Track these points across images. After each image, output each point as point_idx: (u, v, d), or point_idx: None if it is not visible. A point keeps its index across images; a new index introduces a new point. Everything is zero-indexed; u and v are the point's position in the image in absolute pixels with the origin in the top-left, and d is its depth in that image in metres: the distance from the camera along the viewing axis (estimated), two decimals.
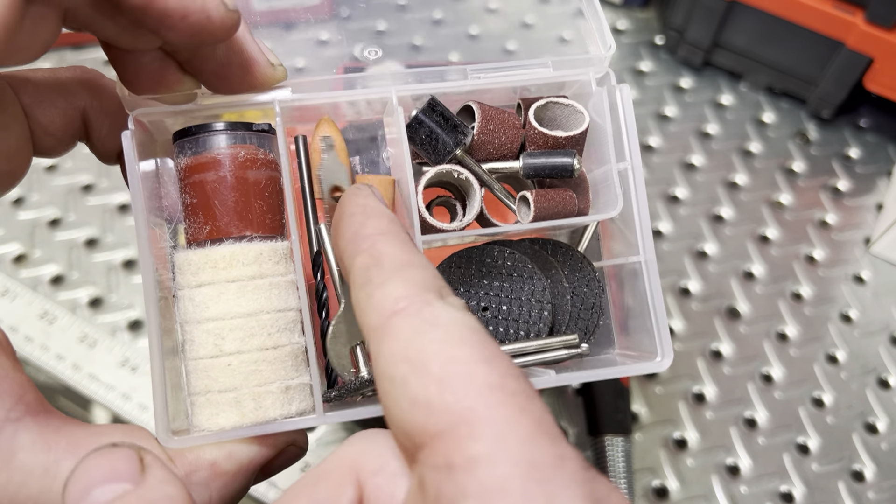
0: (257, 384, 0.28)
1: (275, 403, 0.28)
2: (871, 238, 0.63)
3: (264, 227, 0.29)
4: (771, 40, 0.65)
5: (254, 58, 0.29)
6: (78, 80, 0.31)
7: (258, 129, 0.30)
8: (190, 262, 0.29)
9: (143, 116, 0.29)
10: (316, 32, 0.68)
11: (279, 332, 0.29)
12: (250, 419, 0.28)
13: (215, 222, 0.29)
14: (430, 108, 0.31)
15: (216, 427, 0.28)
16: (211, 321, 0.28)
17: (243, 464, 0.28)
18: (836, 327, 0.59)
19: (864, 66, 0.61)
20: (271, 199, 0.30)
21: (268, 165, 0.30)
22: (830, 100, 0.66)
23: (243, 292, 0.28)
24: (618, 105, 0.32)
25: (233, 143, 0.29)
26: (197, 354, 0.28)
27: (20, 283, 0.57)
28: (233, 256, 0.28)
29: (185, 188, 0.30)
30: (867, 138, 0.68)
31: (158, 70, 0.28)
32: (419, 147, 0.31)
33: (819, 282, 0.61)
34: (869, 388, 0.57)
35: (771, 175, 0.66)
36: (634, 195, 0.32)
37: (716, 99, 0.70)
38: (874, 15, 0.58)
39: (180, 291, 0.29)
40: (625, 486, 0.50)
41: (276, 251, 0.29)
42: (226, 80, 0.29)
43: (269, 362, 0.28)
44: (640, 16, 0.75)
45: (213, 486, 0.27)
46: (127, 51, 0.27)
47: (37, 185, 0.62)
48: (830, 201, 0.65)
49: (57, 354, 0.54)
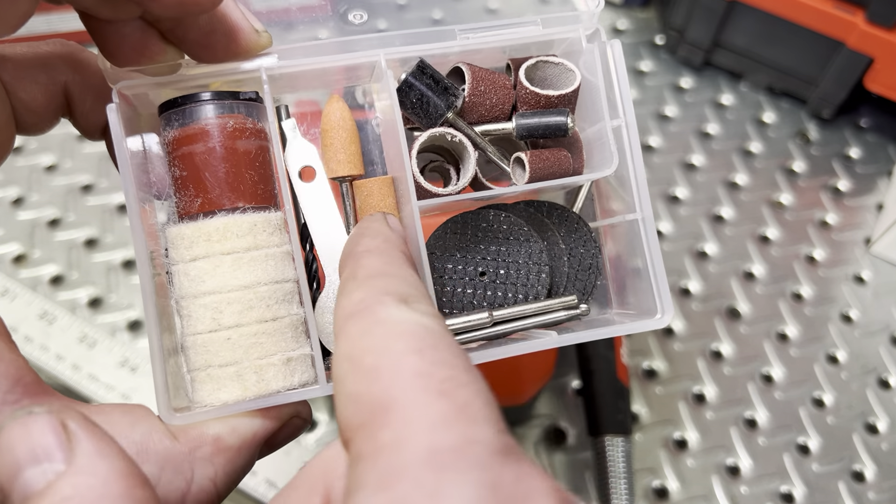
0: (258, 357, 0.28)
1: (276, 376, 0.28)
2: (872, 238, 0.63)
3: (257, 198, 0.29)
4: (771, 40, 0.65)
5: (238, 24, 0.28)
6: (58, 55, 0.30)
7: (245, 98, 0.29)
8: (183, 235, 0.28)
9: (126, 89, 0.29)
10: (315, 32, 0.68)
11: (277, 304, 0.28)
12: (253, 392, 0.28)
13: (206, 194, 0.28)
14: (420, 71, 0.30)
15: (218, 402, 0.28)
16: (208, 295, 0.28)
17: (247, 438, 0.27)
18: (837, 327, 0.59)
19: (865, 66, 0.61)
20: (262, 170, 0.29)
21: (257, 135, 0.29)
22: (831, 100, 0.66)
23: (239, 264, 0.28)
24: (609, 62, 0.31)
25: (221, 113, 0.29)
26: (195, 329, 0.28)
27: (20, 284, 0.57)
28: (226, 228, 0.28)
29: (173, 161, 0.29)
30: (867, 138, 0.68)
31: (140, 40, 0.27)
32: (410, 111, 0.30)
33: (819, 282, 0.61)
34: (869, 389, 0.57)
35: (771, 175, 0.66)
36: (629, 152, 0.31)
37: (716, 99, 0.70)
38: (874, 15, 0.58)
39: (174, 266, 0.28)
40: (625, 487, 0.50)
41: (269, 222, 0.29)
42: (210, 48, 0.28)
43: (268, 334, 0.28)
44: (640, 16, 0.75)
45: (218, 461, 0.27)
46: (107, 21, 0.27)
47: (36, 185, 0.62)
48: (831, 201, 0.65)
49: (56, 354, 0.54)
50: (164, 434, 0.26)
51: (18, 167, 0.63)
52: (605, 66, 0.31)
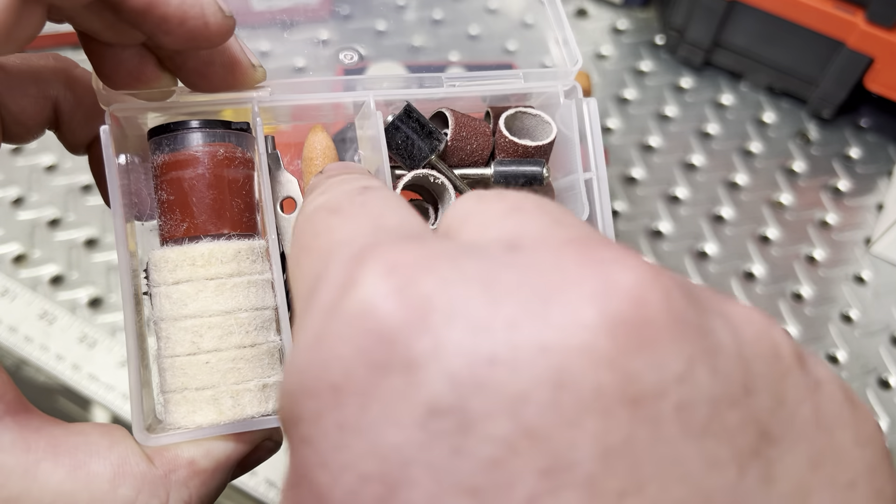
0: (235, 382, 0.28)
1: (252, 401, 0.28)
2: (872, 238, 0.62)
3: (242, 226, 0.29)
4: (771, 40, 0.65)
5: (237, 58, 0.29)
6: (52, 69, 0.30)
7: (237, 128, 0.30)
8: (167, 259, 0.28)
9: (118, 112, 0.29)
10: (315, 32, 0.68)
11: (256, 331, 0.29)
12: (228, 416, 0.28)
13: (193, 220, 0.29)
14: (407, 115, 0.31)
15: (193, 425, 0.28)
16: (189, 318, 0.28)
17: (221, 461, 0.28)
18: (837, 327, 0.59)
19: (865, 66, 0.61)
20: (248, 198, 0.30)
21: (245, 164, 0.30)
22: (831, 100, 0.66)
23: (222, 290, 0.28)
24: (584, 117, 0.33)
25: (211, 141, 0.29)
26: (174, 352, 0.28)
27: (20, 284, 0.57)
28: (211, 254, 0.28)
29: (161, 185, 0.29)
30: (868, 138, 0.68)
31: (137, 66, 0.28)
32: (394, 152, 0.32)
33: (819, 282, 0.61)
34: (870, 389, 0.57)
35: (771, 175, 0.66)
36: (599, 204, 0.33)
37: (716, 99, 0.70)
38: (874, 15, 0.58)
39: (156, 289, 0.29)
40: None
41: (253, 249, 0.29)
42: (207, 79, 0.29)
43: (246, 360, 0.28)
44: (640, 16, 0.75)
45: (193, 484, 0.27)
46: (107, 44, 0.27)
47: (36, 185, 0.62)
48: (831, 201, 0.65)
49: (57, 354, 0.54)
50: (141, 457, 0.26)
51: (18, 167, 0.63)
52: (581, 122, 0.33)
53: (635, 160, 0.66)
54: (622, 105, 0.69)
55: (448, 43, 0.70)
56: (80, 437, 0.25)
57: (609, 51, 0.72)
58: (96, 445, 0.26)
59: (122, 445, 0.26)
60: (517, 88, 0.34)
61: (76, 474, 0.25)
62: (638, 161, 0.66)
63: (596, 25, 0.74)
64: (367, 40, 0.70)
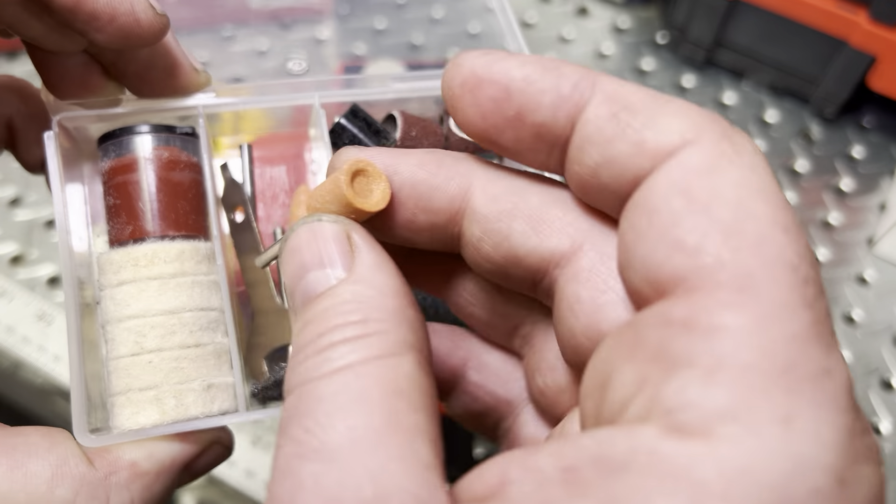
0: (178, 381, 0.28)
1: (196, 401, 0.28)
2: (874, 238, 0.62)
3: (187, 227, 0.30)
4: (773, 39, 0.65)
5: (178, 61, 0.30)
6: (6, 87, 0.31)
7: (182, 132, 0.31)
8: (112, 261, 0.29)
9: (67, 121, 0.30)
10: (315, 31, 0.68)
11: (201, 331, 0.29)
12: (171, 417, 0.28)
13: (137, 222, 0.29)
14: (353, 114, 0.32)
15: (136, 426, 0.28)
16: (132, 319, 0.28)
17: (165, 463, 0.27)
18: (839, 328, 0.59)
19: (867, 65, 0.61)
20: (195, 201, 0.30)
21: (191, 168, 0.30)
22: (833, 99, 0.65)
23: (164, 289, 0.28)
24: None
25: (156, 145, 0.30)
26: (118, 353, 0.28)
27: (17, 284, 0.57)
28: (154, 254, 0.29)
29: (108, 190, 0.30)
30: (870, 138, 0.68)
31: (83, 74, 0.28)
32: None
33: (822, 282, 0.61)
34: (872, 390, 0.56)
35: (774, 175, 0.65)
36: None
37: (718, 98, 0.69)
38: (877, 13, 0.58)
39: (102, 292, 0.29)
40: None
41: (198, 251, 0.30)
42: (149, 83, 0.30)
43: (190, 360, 0.28)
44: (641, 14, 0.74)
45: (134, 487, 0.26)
46: (52, 53, 0.28)
47: (34, 186, 0.61)
48: (833, 201, 0.65)
49: (54, 355, 0.54)
50: (81, 459, 0.26)
51: (15, 167, 0.62)
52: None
53: None
54: None
55: (448, 41, 0.70)
56: (20, 439, 0.25)
57: (610, 49, 0.72)
58: (36, 446, 0.25)
59: (62, 447, 0.26)
60: None
61: (13, 475, 0.24)
62: None
63: (597, 24, 0.73)
64: (366, 39, 0.69)
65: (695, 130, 0.19)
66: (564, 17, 0.73)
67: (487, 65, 0.22)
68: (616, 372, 0.19)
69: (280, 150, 0.36)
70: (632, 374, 0.18)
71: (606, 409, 0.19)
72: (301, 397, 0.19)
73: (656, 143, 0.19)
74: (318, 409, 0.18)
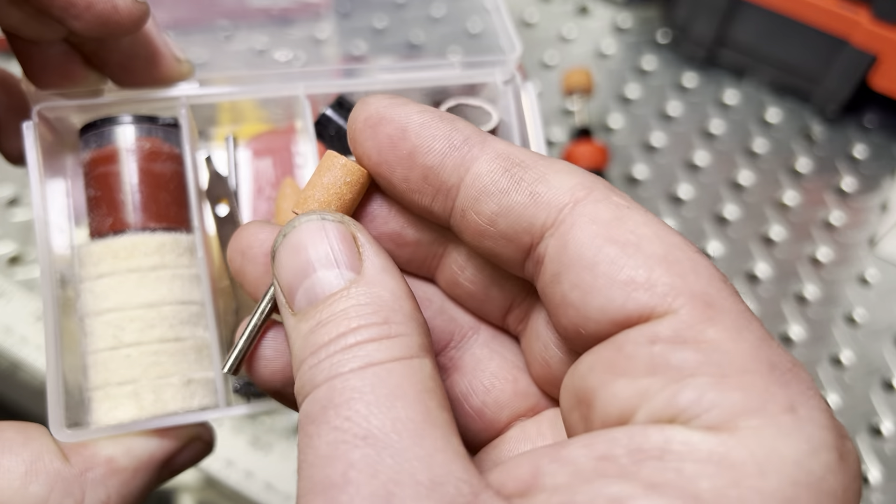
0: (157, 376, 0.27)
1: (175, 396, 0.28)
2: (876, 238, 0.62)
3: (168, 220, 0.29)
4: (775, 38, 0.64)
5: (159, 51, 0.29)
6: None
7: (164, 123, 0.30)
8: (91, 253, 0.28)
9: (48, 112, 0.29)
10: (314, 29, 0.68)
11: (181, 325, 0.28)
12: (149, 412, 0.27)
13: (118, 214, 0.29)
14: (338, 105, 0.31)
15: (114, 421, 0.27)
16: (110, 312, 0.28)
17: (143, 459, 0.27)
18: (841, 328, 0.58)
19: (869, 64, 0.61)
20: (176, 193, 0.30)
21: (173, 159, 0.30)
22: (835, 98, 0.65)
23: (144, 282, 0.28)
24: (523, 103, 0.33)
25: (138, 136, 0.29)
26: (96, 347, 0.27)
27: (15, 285, 0.56)
28: (134, 246, 0.28)
29: (89, 182, 0.29)
30: (872, 137, 0.68)
31: (63, 63, 0.28)
32: (328, 144, 0.31)
33: (823, 282, 0.60)
34: (874, 390, 0.56)
35: (775, 175, 0.65)
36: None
37: (719, 97, 0.69)
38: (879, 12, 0.58)
39: (81, 285, 0.28)
40: None
41: (179, 243, 0.29)
42: (130, 72, 0.29)
43: (169, 354, 0.28)
44: (642, 13, 0.74)
45: (111, 483, 0.26)
46: (32, 43, 0.27)
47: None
48: (835, 201, 0.64)
49: None
50: (56, 455, 0.25)
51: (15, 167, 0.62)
52: (519, 108, 0.33)
53: (637, 159, 0.66)
54: (624, 104, 0.68)
55: (448, 40, 0.70)
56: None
57: (611, 49, 0.71)
58: (10, 442, 0.25)
59: (37, 442, 0.25)
60: (454, 77, 0.33)
61: None
62: (640, 160, 0.66)
63: (597, 23, 0.73)
64: (366, 37, 0.69)
65: (582, 188, 0.22)
66: (565, 16, 0.73)
67: (391, 106, 0.23)
68: (604, 387, 0.20)
69: (266, 143, 0.35)
70: (627, 387, 0.20)
71: (598, 419, 0.20)
72: (334, 389, 0.19)
73: (549, 197, 0.22)
74: (357, 399, 0.19)
